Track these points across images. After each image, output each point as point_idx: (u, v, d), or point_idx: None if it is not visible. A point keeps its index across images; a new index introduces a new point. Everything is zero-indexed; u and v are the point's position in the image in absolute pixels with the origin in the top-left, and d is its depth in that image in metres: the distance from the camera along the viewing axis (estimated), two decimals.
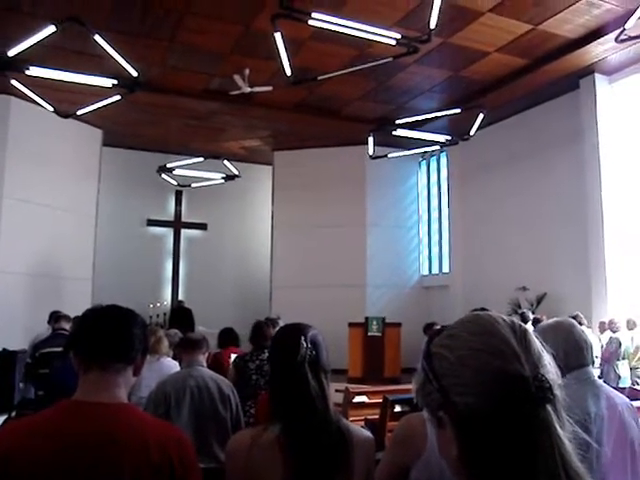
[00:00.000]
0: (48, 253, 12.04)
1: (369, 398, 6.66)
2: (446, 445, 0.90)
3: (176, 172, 13.75)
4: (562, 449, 0.83)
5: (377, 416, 5.73)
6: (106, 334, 1.68)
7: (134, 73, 8.36)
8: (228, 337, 6.33)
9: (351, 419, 5.71)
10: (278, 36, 7.63)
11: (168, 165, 13.40)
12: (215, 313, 13.87)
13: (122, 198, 14.95)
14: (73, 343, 1.77)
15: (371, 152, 11.79)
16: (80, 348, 1.70)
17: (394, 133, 11.26)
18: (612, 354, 8.51)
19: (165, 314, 14.93)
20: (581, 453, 0.85)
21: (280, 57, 8.14)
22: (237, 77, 10.31)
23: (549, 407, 0.83)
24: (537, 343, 0.91)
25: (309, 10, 7.10)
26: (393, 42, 7.71)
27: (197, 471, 1.68)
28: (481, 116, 10.60)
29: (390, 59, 8.31)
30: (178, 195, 16.01)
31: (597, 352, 8.59)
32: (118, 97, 9.23)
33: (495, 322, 0.92)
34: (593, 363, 2.36)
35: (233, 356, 5.47)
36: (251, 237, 16.46)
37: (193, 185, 14.79)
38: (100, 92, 9.36)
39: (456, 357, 0.89)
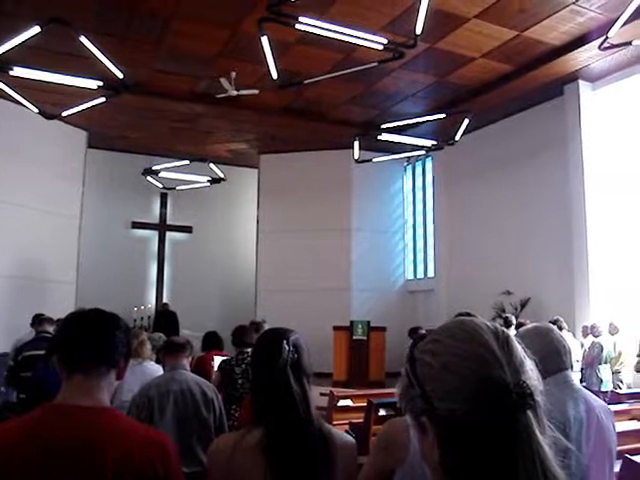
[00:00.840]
0: (31, 255, 11.93)
1: (354, 402, 6.67)
2: (428, 450, 0.90)
3: (161, 175, 13.72)
4: (542, 455, 0.83)
5: (362, 420, 5.74)
6: (89, 338, 1.68)
7: (120, 75, 8.33)
8: (211, 341, 6.31)
9: (336, 423, 5.71)
10: (264, 40, 7.64)
11: (153, 168, 13.37)
12: (200, 316, 13.81)
13: (107, 200, 14.82)
14: (56, 347, 1.76)
15: (357, 156, 11.79)
16: (63, 352, 1.69)
17: (380, 137, 11.29)
18: (594, 358, 8.58)
19: (149, 317, 14.83)
20: (560, 458, 0.86)
21: (267, 60, 8.15)
22: (224, 80, 10.30)
23: (530, 413, 0.84)
24: (519, 349, 0.91)
25: (296, 14, 7.11)
26: (379, 47, 7.75)
27: (180, 476, 1.67)
28: (466, 121, 10.66)
29: (375, 64, 8.36)
30: (163, 198, 15.89)
31: (578, 356, 8.66)
32: (103, 99, 9.19)
33: (479, 328, 0.92)
34: (572, 367, 2.37)
35: (217, 359, 5.44)
36: (236, 240, 16.39)
37: (178, 188, 14.76)
38: (85, 94, 9.32)
39: (439, 363, 0.89)
